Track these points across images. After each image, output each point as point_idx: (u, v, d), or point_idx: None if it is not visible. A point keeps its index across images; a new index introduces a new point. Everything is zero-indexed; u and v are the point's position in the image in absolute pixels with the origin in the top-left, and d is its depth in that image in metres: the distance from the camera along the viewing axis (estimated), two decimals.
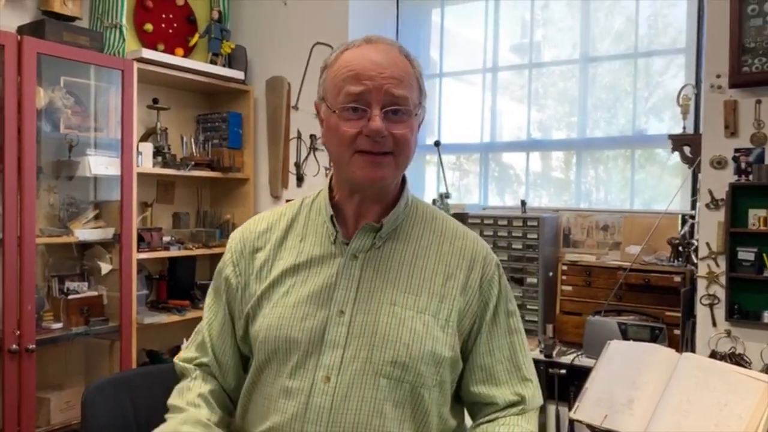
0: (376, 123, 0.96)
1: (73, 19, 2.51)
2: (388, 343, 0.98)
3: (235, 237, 1.14)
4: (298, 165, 3.11)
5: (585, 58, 2.74)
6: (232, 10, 3.19)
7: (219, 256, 3.21)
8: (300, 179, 3.11)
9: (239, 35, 3.21)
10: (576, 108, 2.78)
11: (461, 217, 2.67)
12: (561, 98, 2.85)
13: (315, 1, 3.03)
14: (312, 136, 3.05)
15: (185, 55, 2.97)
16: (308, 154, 3.08)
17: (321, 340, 0.99)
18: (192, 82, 2.95)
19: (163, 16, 2.91)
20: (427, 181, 3.20)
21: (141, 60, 2.63)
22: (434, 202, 2.90)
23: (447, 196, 2.88)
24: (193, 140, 3.03)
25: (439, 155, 2.85)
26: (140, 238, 2.64)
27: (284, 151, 3.13)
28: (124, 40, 2.62)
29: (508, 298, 1.10)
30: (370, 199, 1.05)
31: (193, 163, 2.87)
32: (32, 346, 2.21)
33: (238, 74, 3.07)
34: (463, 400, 1.11)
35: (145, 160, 2.69)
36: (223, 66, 3.04)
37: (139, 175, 2.62)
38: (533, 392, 1.08)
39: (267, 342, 1.01)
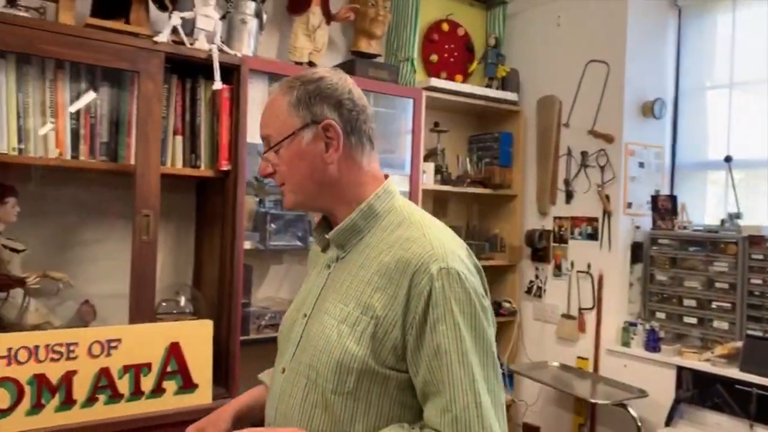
0: (261, 165, 1.14)
1: (375, 56, 2.91)
2: (309, 348, 1.07)
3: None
4: (567, 182, 3.14)
5: None
6: (506, 35, 3.36)
7: (489, 268, 3.36)
8: (569, 196, 3.13)
9: (512, 57, 3.37)
10: None
11: (758, 239, 2.44)
12: None
13: (590, 19, 3.05)
14: (583, 153, 3.06)
15: (463, 81, 3.22)
16: (578, 170, 3.10)
17: (288, 338, 1.15)
18: (468, 105, 3.18)
19: (446, 46, 3.20)
20: (711, 199, 2.98)
21: (429, 88, 2.93)
22: (722, 222, 2.70)
23: (737, 216, 2.66)
24: (468, 159, 3.26)
25: (730, 171, 2.65)
26: None
27: (553, 168, 3.19)
28: (414, 71, 2.95)
29: (442, 312, 0.96)
30: (330, 216, 1.16)
31: (468, 180, 3.09)
32: None
33: (512, 96, 3.22)
34: None
35: (427, 178, 2.98)
36: (497, 89, 3.22)
37: (423, 191, 2.91)
38: (457, 427, 0.94)
39: (279, 332, 1.22)
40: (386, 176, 1.17)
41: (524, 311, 3.34)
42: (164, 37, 2.08)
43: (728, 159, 2.67)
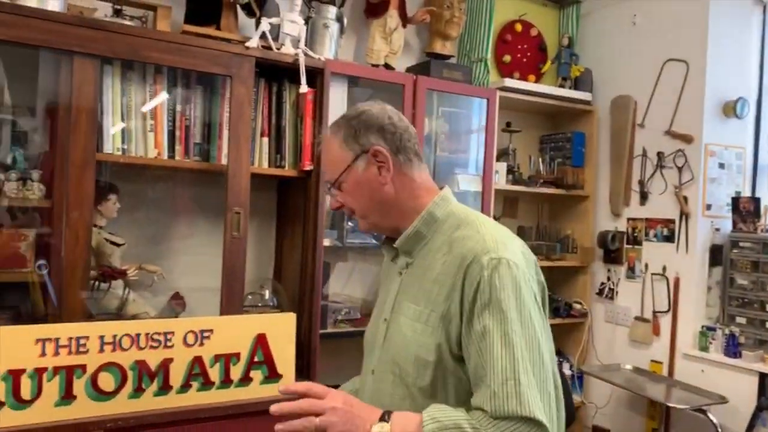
0: (330, 203, 1.28)
1: (448, 57, 2.94)
2: (392, 348, 1.19)
3: None
4: (642, 183, 3.09)
5: None
6: (580, 34, 3.33)
7: (560, 269, 3.35)
8: (644, 197, 3.09)
9: (586, 57, 3.34)
10: None
11: None
12: None
13: (668, 18, 2.99)
14: (660, 154, 3.01)
15: (536, 81, 3.22)
16: (654, 171, 3.05)
17: (373, 342, 1.26)
18: (541, 105, 3.18)
19: (519, 47, 3.20)
20: None
21: (502, 88, 2.94)
22: None
23: None
24: (540, 159, 3.26)
25: None
26: None
27: (627, 169, 3.15)
28: (488, 71, 2.97)
29: (488, 298, 1.03)
30: (395, 233, 1.24)
31: (540, 180, 3.09)
32: None
33: (586, 95, 3.20)
34: None
35: (499, 178, 3.00)
36: (570, 88, 3.20)
37: (495, 191, 2.93)
38: (495, 402, 0.98)
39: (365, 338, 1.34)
40: (441, 187, 1.27)
41: (595, 313, 3.31)
42: (254, 42, 2.18)
43: None
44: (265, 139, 2.33)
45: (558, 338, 3.38)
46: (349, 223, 2.62)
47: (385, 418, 1.03)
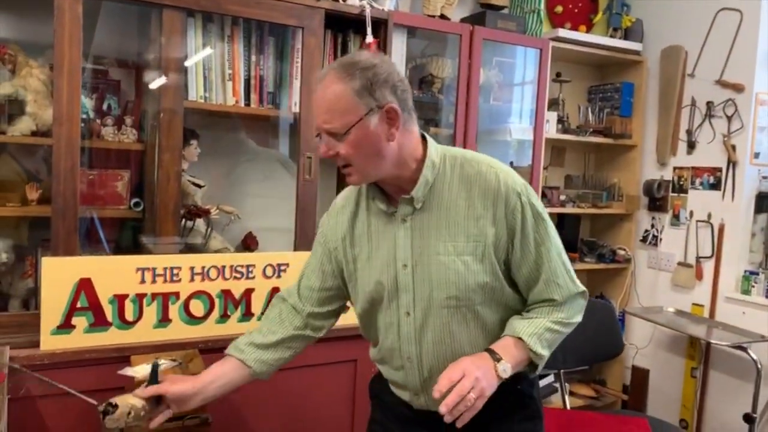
0: (320, 150, 1.25)
1: (502, 8, 3.01)
2: (442, 285, 1.26)
3: (331, 207, 1.50)
4: (690, 132, 3.15)
5: None
6: None
7: (605, 216, 3.46)
8: (691, 146, 3.15)
9: (637, 8, 3.36)
10: None
11: None
12: None
13: None
14: (709, 104, 3.06)
15: (587, 32, 3.26)
16: (703, 121, 3.10)
17: (396, 287, 1.31)
18: (591, 55, 3.23)
19: None
20: None
21: (555, 39, 3.01)
22: None
23: None
24: (589, 109, 3.33)
25: None
26: (542, 195, 3.07)
27: (676, 119, 3.21)
28: (541, 22, 3.03)
29: (532, 216, 1.27)
30: (391, 181, 1.29)
31: (590, 129, 3.17)
32: None
33: (636, 46, 3.24)
34: None
35: (550, 128, 3.10)
36: (621, 39, 3.24)
37: (545, 140, 3.03)
38: (562, 290, 1.29)
39: (367, 294, 1.36)
40: (421, 134, 1.33)
41: (639, 259, 3.43)
42: None
43: None
44: None
45: (602, 283, 3.54)
46: None
47: (495, 356, 1.22)
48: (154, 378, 1.35)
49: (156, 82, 2.13)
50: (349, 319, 1.57)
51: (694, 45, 3.13)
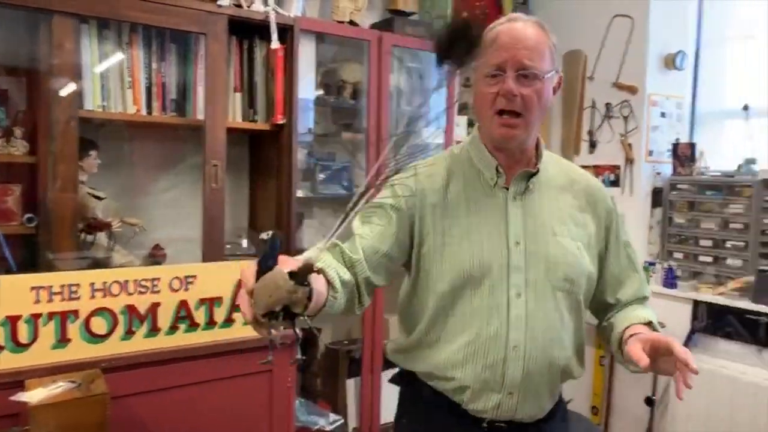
0: (509, 84, 1.15)
1: (411, 13, 3.06)
2: (559, 265, 1.23)
3: (408, 172, 1.26)
4: (591, 132, 3.32)
5: None
6: None
7: None
8: (592, 146, 3.32)
9: (540, 14, 3.50)
10: None
11: None
12: None
13: None
14: (607, 105, 3.23)
15: None
16: (602, 121, 3.27)
17: (507, 266, 1.22)
18: None
19: (477, 3, 3.34)
20: (729, 146, 3.15)
21: None
22: (738, 167, 2.88)
23: (753, 161, 2.84)
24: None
25: (747, 119, 2.82)
26: None
27: (578, 120, 3.36)
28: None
29: (621, 220, 1.36)
30: (517, 152, 1.25)
31: None
32: None
33: None
34: (588, 306, 1.36)
35: (461, 131, 3.17)
36: None
37: (456, 143, 3.11)
38: (647, 288, 1.39)
39: (463, 271, 1.21)
40: None
41: None
42: (226, 0, 2.26)
43: (745, 107, 2.84)
44: (238, 95, 2.44)
45: None
46: (321, 175, 2.77)
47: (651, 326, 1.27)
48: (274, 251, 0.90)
49: (49, 90, 2.04)
50: None
51: (592, 49, 3.29)
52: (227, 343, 2.22)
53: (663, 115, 3.12)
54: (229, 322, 2.23)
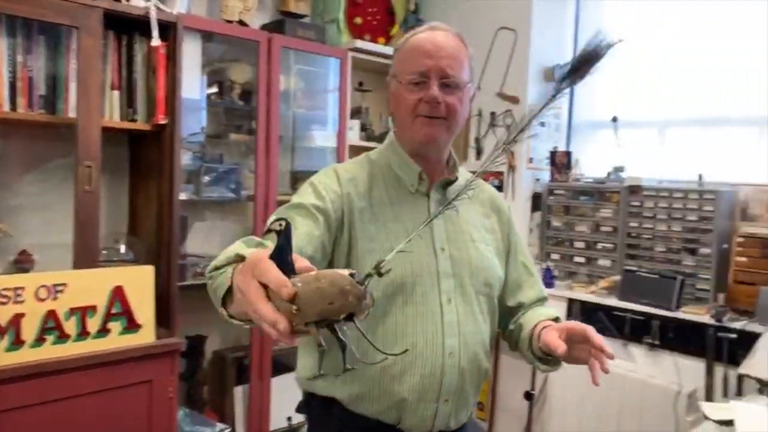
0: (434, 91, 1.19)
1: (303, 16, 3.05)
2: (480, 270, 1.28)
3: (328, 175, 1.25)
4: (478, 140, 3.45)
5: None
6: (425, 1, 3.58)
7: None
8: (479, 152, 3.45)
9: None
10: (763, 82, 2.80)
11: (636, 189, 2.86)
12: (744, 74, 2.87)
13: None
14: (492, 114, 3.37)
15: (386, 44, 3.42)
16: (488, 129, 3.41)
17: (437, 272, 1.22)
18: (389, 66, 3.39)
19: (369, 9, 3.38)
20: (601, 155, 3.38)
21: (354, 49, 3.12)
22: (608, 174, 3.10)
23: (621, 169, 3.07)
24: (390, 118, 3.49)
25: (616, 129, 3.04)
26: None
27: (466, 128, 3.48)
28: (341, 32, 3.12)
29: (516, 228, 1.44)
30: (434, 160, 1.28)
31: None
32: None
33: None
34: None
35: (353, 135, 3.20)
36: None
37: (349, 147, 3.13)
38: (544, 290, 1.44)
39: (394, 279, 1.17)
40: None
41: None
42: None
43: (614, 119, 3.06)
44: (116, 93, 2.32)
45: None
46: (206, 177, 2.69)
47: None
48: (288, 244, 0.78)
49: None
50: (143, 337, 1.46)
51: (479, 60, 3.42)
52: (103, 354, 2.11)
53: (542, 124, 3.30)
54: (104, 331, 2.12)
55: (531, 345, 1.28)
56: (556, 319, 1.30)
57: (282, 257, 0.73)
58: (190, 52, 2.48)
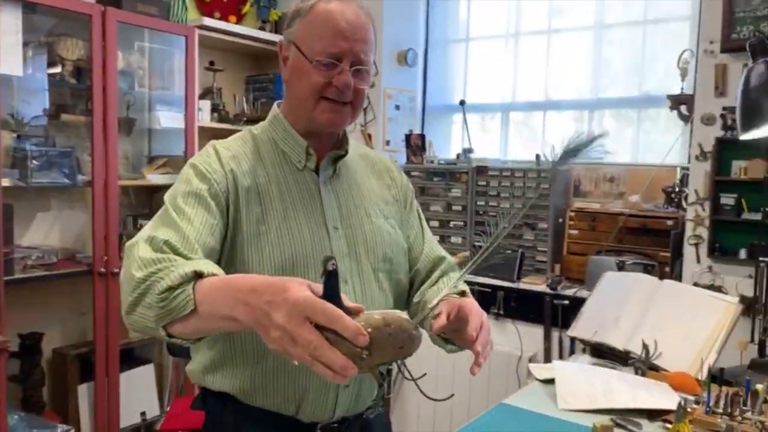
0: (347, 78, 1.10)
1: None
2: (378, 246, 1.21)
3: (209, 154, 1.16)
4: None
5: (599, 24, 3.01)
6: None
7: None
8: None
9: (284, 3, 3.54)
10: (589, 71, 3.05)
11: (483, 169, 3.01)
12: (576, 62, 3.11)
13: None
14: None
15: (237, 22, 3.32)
16: None
17: (330, 252, 1.14)
18: (243, 46, 3.30)
19: None
20: (453, 137, 3.52)
21: (201, 27, 2.98)
22: (458, 156, 3.23)
23: (470, 151, 3.21)
24: (244, 99, 3.40)
25: (464, 113, 3.17)
26: None
27: None
28: (186, 9, 2.98)
29: (411, 189, 1.40)
30: (327, 137, 1.20)
31: (245, 119, 3.24)
32: (117, 270, 2.64)
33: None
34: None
35: (204, 116, 3.07)
36: (271, 32, 3.38)
37: (199, 128, 3.01)
38: (442, 250, 1.40)
39: (285, 260, 1.11)
40: None
41: None
42: None
43: (462, 103, 3.19)
44: None
45: None
46: (35, 162, 2.47)
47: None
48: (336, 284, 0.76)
49: None
50: None
51: None
52: None
53: (398, 107, 3.37)
54: None
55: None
56: (463, 293, 1.20)
57: (336, 300, 0.73)
58: (8, 24, 2.25)
